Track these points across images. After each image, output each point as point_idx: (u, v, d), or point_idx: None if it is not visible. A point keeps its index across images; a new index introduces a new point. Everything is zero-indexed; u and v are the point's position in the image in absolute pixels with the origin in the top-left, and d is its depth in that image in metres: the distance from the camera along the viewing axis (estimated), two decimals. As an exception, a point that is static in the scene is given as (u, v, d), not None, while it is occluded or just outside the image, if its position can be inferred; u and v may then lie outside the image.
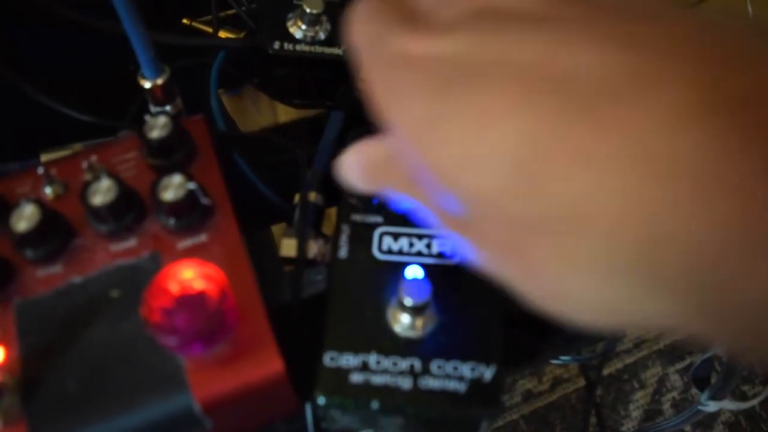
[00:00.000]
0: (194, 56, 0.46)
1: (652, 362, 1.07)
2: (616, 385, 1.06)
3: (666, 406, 1.04)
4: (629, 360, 1.08)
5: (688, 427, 1.02)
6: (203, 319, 0.26)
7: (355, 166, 0.27)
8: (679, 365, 1.08)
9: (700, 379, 0.53)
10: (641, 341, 1.09)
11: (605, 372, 1.07)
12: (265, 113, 0.52)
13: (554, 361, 0.51)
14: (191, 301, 0.26)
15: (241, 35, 0.45)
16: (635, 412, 1.04)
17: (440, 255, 0.32)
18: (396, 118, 0.21)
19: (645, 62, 0.16)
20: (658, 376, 1.06)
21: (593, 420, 1.03)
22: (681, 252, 0.15)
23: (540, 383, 1.05)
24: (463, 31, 0.20)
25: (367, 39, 0.22)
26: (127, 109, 0.42)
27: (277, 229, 0.41)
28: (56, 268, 0.31)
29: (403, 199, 0.26)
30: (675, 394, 1.05)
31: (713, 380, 0.50)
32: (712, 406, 0.49)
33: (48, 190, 0.33)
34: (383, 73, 0.21)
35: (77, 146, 0.39)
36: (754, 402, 0.51)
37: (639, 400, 1.05)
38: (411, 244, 0.32)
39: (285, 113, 0.50)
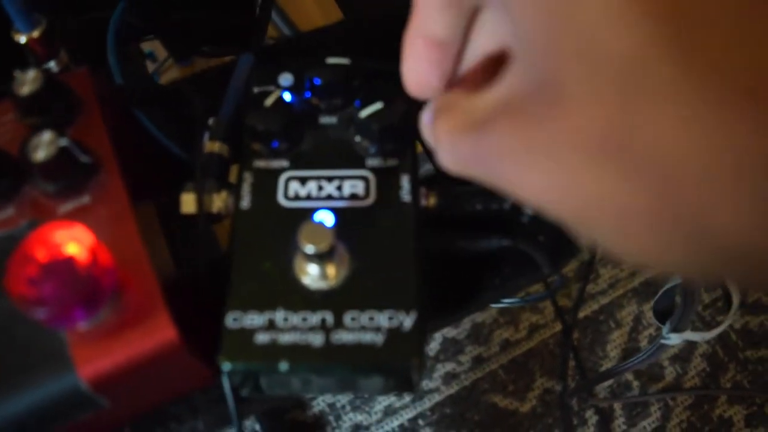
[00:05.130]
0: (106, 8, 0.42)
1: (627, 301, 1.06)
2: (593, 326, 1.05)
3: (643, 344, 1.03)
4: (604, 301, 1.06)
5: (666, 362, 1.01)
6: (72, 286, 0.23)
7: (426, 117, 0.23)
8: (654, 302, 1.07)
9: (661, 311, 0.51)
10: (616, 281, 1.07)
11: (581, 315, 1.06)
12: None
13: (495, 305, 0.48)
14: (58, 268, 0.23)
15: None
16: (613, 352, 1.03)
17: (353, 196, 0.29)
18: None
19: None
20: (634, 315, 1.05)
21: (572, 363, 1.02)
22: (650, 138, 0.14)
23: (517, 331, 1.04)
24: None
25: None
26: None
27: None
28: (-73, 247, 0.27)
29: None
30: (651, 330, 1.04)
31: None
32: (673, 339, 0.47)
33: None
34: None
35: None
36: (717, 331, 0.49)
37: (616, 339, 1.04)
38: (320, 188, 0.29)
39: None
